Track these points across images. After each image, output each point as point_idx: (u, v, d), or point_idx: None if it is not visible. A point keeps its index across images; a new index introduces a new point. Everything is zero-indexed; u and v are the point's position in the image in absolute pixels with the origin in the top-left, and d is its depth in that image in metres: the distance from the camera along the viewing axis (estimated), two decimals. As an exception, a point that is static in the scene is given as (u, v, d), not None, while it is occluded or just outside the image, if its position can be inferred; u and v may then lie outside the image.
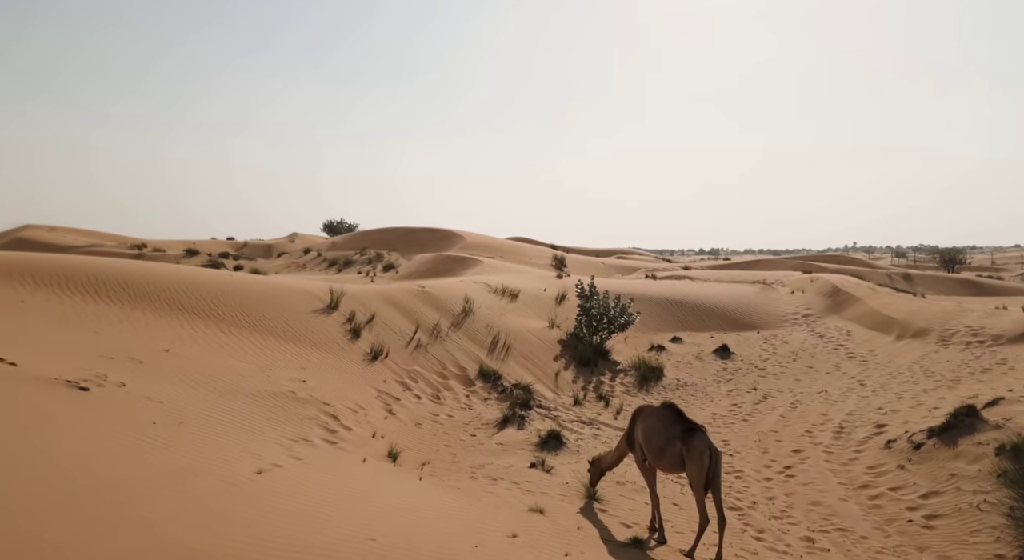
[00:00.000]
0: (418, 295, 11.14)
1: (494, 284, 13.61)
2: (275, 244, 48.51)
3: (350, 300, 9.88)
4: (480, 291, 12.78)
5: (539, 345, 11.13)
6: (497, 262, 22.99)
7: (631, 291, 16.38)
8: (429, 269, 20.79)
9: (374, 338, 9.14)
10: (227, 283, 8.89)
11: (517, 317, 12.17)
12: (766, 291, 17.81)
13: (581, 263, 31.40)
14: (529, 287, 14.92)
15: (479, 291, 12.75)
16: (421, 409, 7.71)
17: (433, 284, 12.17)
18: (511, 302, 13.01)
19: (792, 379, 10.79)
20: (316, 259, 30.03)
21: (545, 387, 9.81)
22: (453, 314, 10.95)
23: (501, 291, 13.25)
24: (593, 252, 47.29)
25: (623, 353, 12.50)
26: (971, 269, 37.53)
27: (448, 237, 30.40)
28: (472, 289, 12.61)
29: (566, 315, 13.37)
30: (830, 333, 13.85)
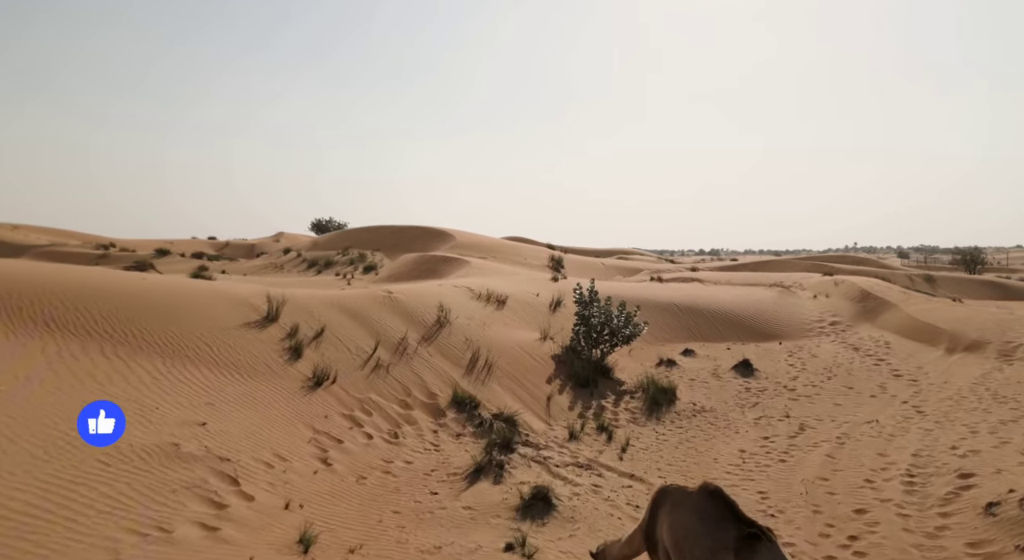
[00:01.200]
0: (383, 303, 9.43)
1: (478, 288, 11.91)
2: (259, 243, 46.85)
3: (295, 309, 8.17)
4: (460, 297, 11.08)
5: (528, 362, 9.43)
6: (488, 263, 21.30)
7: (635, 296, 14.70)
8: (411, 271, 19.08)
9: (320, 358, 7.42)
10: (134, 290, 7.18)
11: (503, 328, 10.47)
12: (785, 295, 16.13)
13: (580, 264, 29.72)
14: (519, 291, 13.22)
15: (459, 297, 11.04)
16: (370, 454, 6.00)
17: (404, 289, 10.46)
18: (497, 310, 11.30)
19: (830, 403, 9.10)
20: (295, 260, 28.31)
21: (534, 415, 8.11)
22: (425, 325, 9.25)
23: (486, 297, 11.54)
24: (592, 252, 45.61)
25: (628, 369, 10.81)
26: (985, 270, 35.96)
27: (438, 236, 28.69)
28: (451, 295, 10.90)
29: (562, 324, 11.68)
30: (865, 345, 12.17)
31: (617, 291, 14.96)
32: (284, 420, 5.93)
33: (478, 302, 11.23)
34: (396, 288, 10.48)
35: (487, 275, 16.35)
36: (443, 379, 8.09)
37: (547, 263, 27.41)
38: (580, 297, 10.77)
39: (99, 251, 29.02)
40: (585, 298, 10.74)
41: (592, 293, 10.82)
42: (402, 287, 10.82)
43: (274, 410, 6.04)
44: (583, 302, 10.73)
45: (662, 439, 7.92)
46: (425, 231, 29.59)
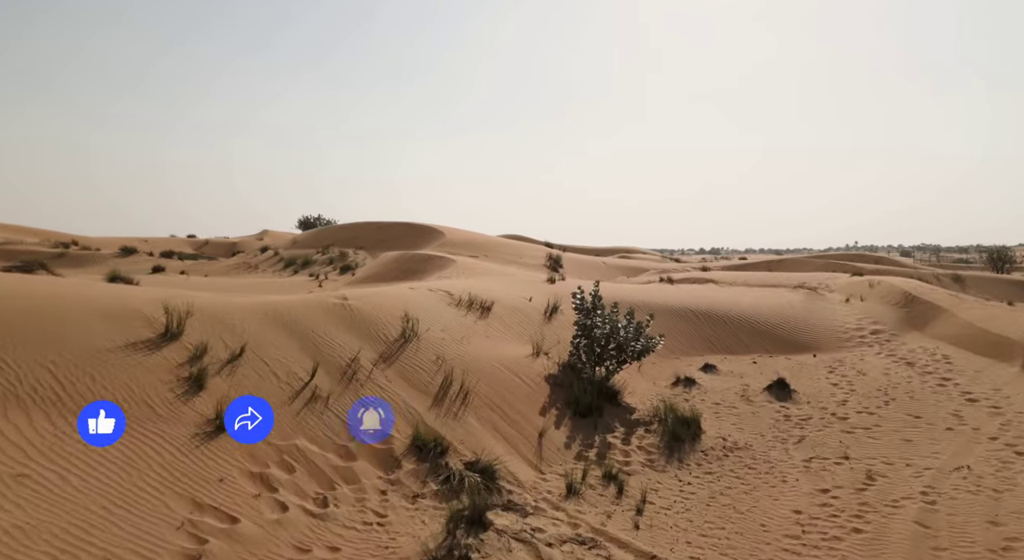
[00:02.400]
0: (334, 313, 7.62)
1: (459, 292, 10.10)
2: (241, 242, 45.01)
3: (208, 323, 6.35)
4: (436, 303, 9.27)
5: (516, 386, 7.63)
6: (478, 262, 19.51)
7: (644, 300, 12.92)
8: (391, 270, 17.27)
9: (232, 390, 5.61)
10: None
11: (486, 342, 8.66)
12: (814, 299, 14.36)
13: (579, 263, 27.95)
14: (510, 295, 11.42)
15: (434, 303, 9.23)
16: (276, 540, 4.19)
17: (365, 295, 8.64)
18: (480, 318, 9.49)
19: (897, 438, 7.31)
20: (272, 259, 26.48)
21: (521, 459, 6.31)
22: (385, 341, 7.43)
23: (467, 302, 9.73)
24: (593, 251, 43.85)
25: (639, 391, 9.03)
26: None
27: (426, 233, 26.87)
28: (423, 301, 9.10)
29: (558, 336, 9.88)
30: (920, 359, 10.39)
31: (623, 294, 13.18)
32: (150, 493, 4.12)
33: (457, 309, 9.42)
34: (356, 293, 8.66)
35: (474, 276, 14.56)
36: (403, 413, 6.29)
37: (544, 262, 25.63)
38: (581, 303, 8.98)
39: (56, 249, 27.14)
40: (587, 304, 8.95)
41: (595, 298, 9.03)
42: (362, 292, 8.99)
43: (139, 476, 4.22)
44: (584, 309, 8.94)
45: (688, 493, 6.13)
46: (413, 228, 27.77)
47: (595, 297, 9.06)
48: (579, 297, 9.04)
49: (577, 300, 9.01)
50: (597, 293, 9.13)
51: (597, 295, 9.10)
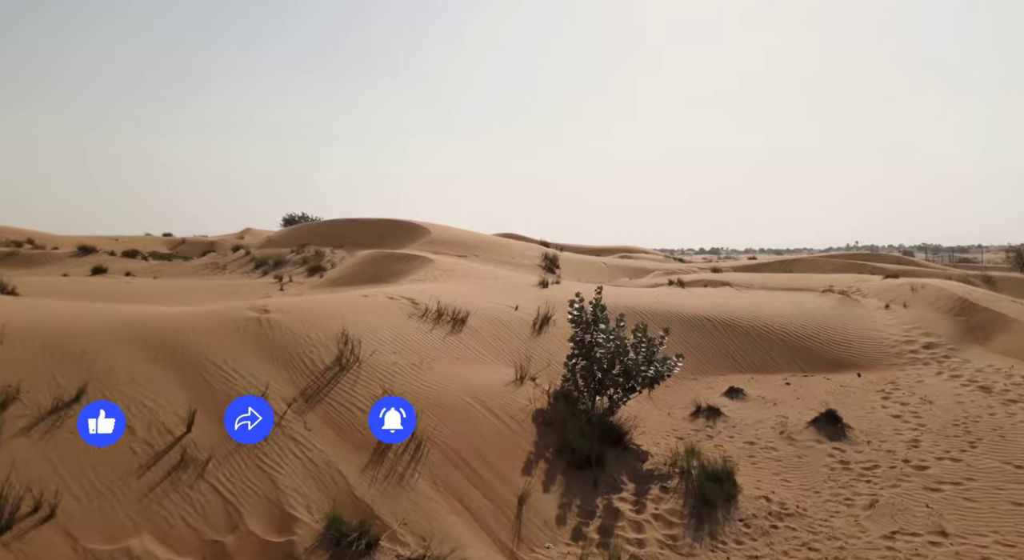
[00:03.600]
0: (246, 331, 5.80)
1: (426, 300, 8.27)
2: (219, 241, 43.17)
3: (37, 351, 4.53)
4: (393, 316, 7.43)
5: (490, 428, 5.81)
6: (463, 262, 17.69)
7: (652, 307, 11.11)
8: (362, 272, 15.45)
9: (29, 465, 3.77)
10: None
11: (455, 366, 6.83)
12: (848, 305, 12.57)
13: (577, 264, 26.15)
14: (492, 303, 9.61)
15: (391, 316, 7.40)
16: None
17: (294, 305, 6.80)
18: (452, 333, 7.67)
19: (1002, 499, 5.50)
20: (242, 259, 24.62)
21: (491, 545, 4.50)
22: (311, 371, 5.60)
23: (436, 313, 7.90)
24: (592, 250, 42.07)
25: (650, 426, 7.24)
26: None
27: (410, 231, 25.02)
28: (376, 313, 7.27)
29: (550, 354, 8.09)
30: (996, 382, 8.59)
31: (627, 300, 11.37)
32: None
33: (421, 322, 7.58)
34: (285, 304, 6.81)
35: (454, 279, 12.77)
36: (321, 480, 4.46)
37: (539, 263, 23.82)
38: (579, 314, 7.17)
39: (7, 248, 25.20)
40: (586, 316, 7.14)
41: (597, 309, 7.22)
42: (294, 302, 7.13)
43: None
44: (583, 322, 7.14)
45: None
46: (396, 225, 25.93)
47: (596, 308, 7.25)
48: (577, 306, 7.23)
49: (575, 311, 7.20)
50: (600, 302, 7.32)
51: (600, 305, 7.29)
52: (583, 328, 7.18)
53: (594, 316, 7.22)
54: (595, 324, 7.20)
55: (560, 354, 8.00)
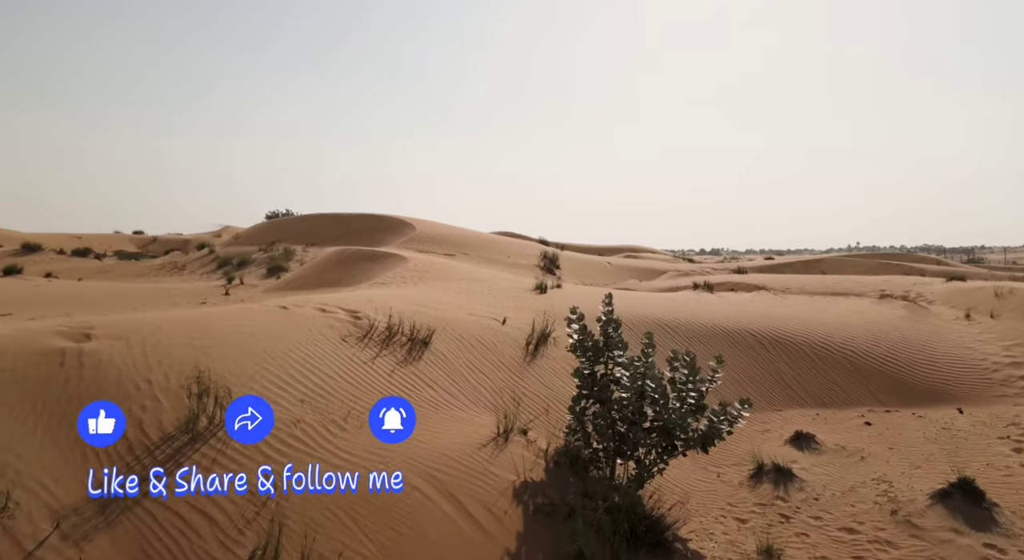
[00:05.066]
0: (36, 373, 3.53)
1: (374, 313, 6.00)
2: (195, 239, 40.95)
3: None
4: (318, 338, 5.16)
5: (451, 537, 3.54)
6: (448, 262, 15.45)
7: (678, 318, 8.90)
8: (323, 273, 13.24)
9: None
10: None
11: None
12: (918, 314, 10.34)
13: (580, 264, 23.92)
14: (472, 316, 7.36)
15: (315, 338, 5.13)
16: None
17: (150, 325, 4.53)
18: (407, 362, 5.40)
19: None
20: (204, 258, 22.37)
21: None
22: (128, 450, 3.34)
23: (383, 333, 5.63)
24: (595, 249, 39.82)
25: (696, 501, 5.02)
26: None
27: (392, 227, 22.75)
28: (292, 334, 5.01)
29: (550, 391, 5.85)
30: None
31: (646, 309, 9.13)
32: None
33: (360, 349, 5.31)
34: (121, 325, 4.52)
35: (430, 281, 10.56)
36: None
37: (537, 262, 21.58)
38: (581, 337, 4.91)
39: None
40: (593, 339, 4.90)
41: (610, 327, 4.96)
42: (151, 321, 4.86)
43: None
44: (590, 347, 4.89)
45: None
46: (378, 220, 23.67)
47: (609, 324, 4.99)
48: (578, 326, 4.97)
49: (575, 334, 4.94)
50: (613, 317, 5.05)
51: (613, 320, 5.02)
52: (591, 357, 4.94)
53: (606, 338, 4.97)
54: (608, 349, 4.96)
55: (564, 390, 5.76)
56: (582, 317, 5.01)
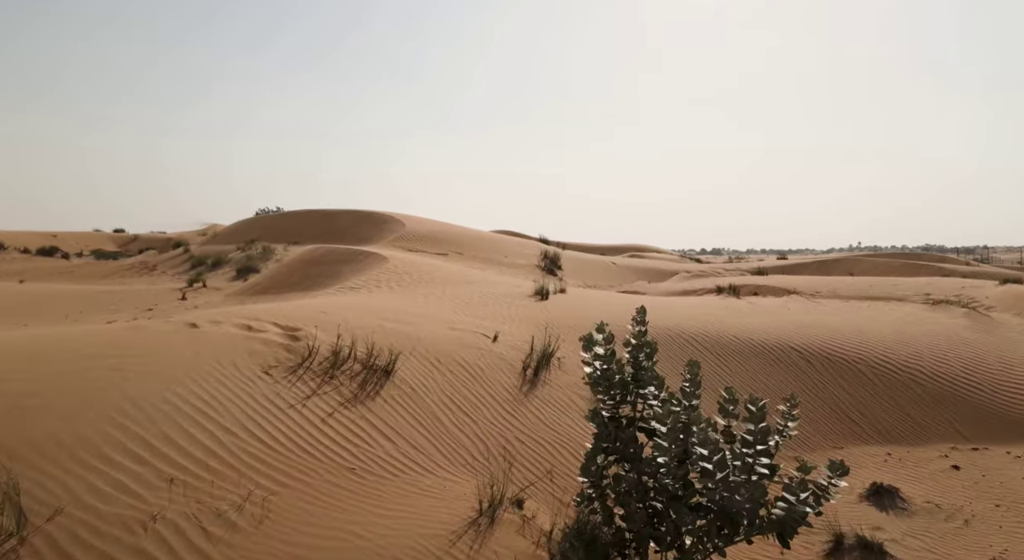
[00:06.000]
0: None
1: (318, 329, 4.58)
2: (180, 238, 39.52)
3: None
4: (225, 369, 3.75)
5: None
6: (433, 262, 14.03)
7: (707, 330, 7.47)
8: (293, 275, 11.83)
9: None
10: None
11: (340, 497, 3.15)
12: (982, 324, 8.93)
13: (583, 264, 22.50)
14: (454, 331, 5.94)
15: (218, 370, 3.72)
16: None
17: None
18: (355, 403, 3.98)
19: None
20: (179, 257, 20.95)
21: None
22: None
23: (329, 359, 4.21)
24: (598, 249, 38.41)
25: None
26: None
27: (380, 223, 21.30)
28: (191, 365, 3.59)
29: (556, 436, 4.39)
30: None
31: (668, 318, 7.71)
32: None
33: (287, 385, 3.88)
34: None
35: (410, 285, 9.14)
36: None
37: (537, 263, 20.17)
38: (605, 368, 3.49)
39: None
40: (619, 370, 3.48)
41: (641, 353, 3.53)
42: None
43: None
44: (614, 383, 3.47)
45: None
46: (364, 216, 22.24)
47: (641, 349, 3.56)
48: (603, 349, 3.55)
49: (598, 361, 3.52)
50: (646, 339, 3.62)
51: (647, 345, 3.60)
52: (615, 396, 3.53)
53: (636, 369, 3.57)
54: (639, 385, 3.56)
55: (573, 433, 4.34)
56: (611, 338, 3.59)
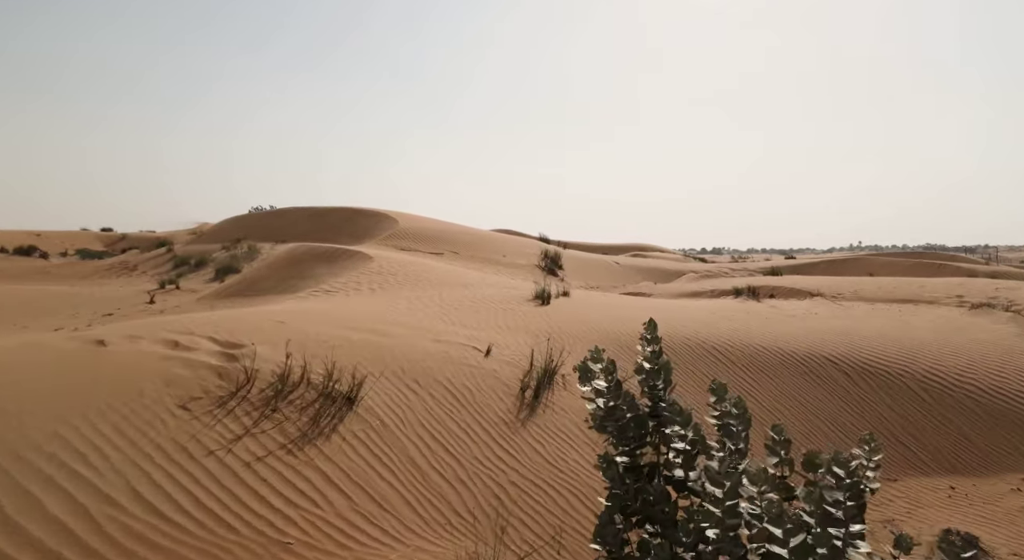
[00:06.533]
0: None
1: (268, 345, 3.74)
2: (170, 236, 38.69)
3: None
4: (124, 405, 2.90)
5: None
6: (423, 262, 13.19)
7: (732, 339, 6.63)
8: (276, 274, 10.99)
9: None
10: None
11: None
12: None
13: (584, 263, 21.66)
14: (438, 344, 5.08)
15: (117, 405, 2.87)
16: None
17: None
18: (308, 442, 3.13)
19: None
20: (161, 257, 20.11)
21: None
22: None
23: (272, 386, 3.37)
24: (600, 248, 37.56)
25: None
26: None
27: (372, 221, 20.44)
28: (49, 405, 2.75)
29: (557, 468, 3.53)
30: None
31: (684, 326, 6.86)
32: None
33: (210, 423, 3.03)
34: None
35: (394, 288, 8.29)
36: None
37: (537, 262, 19.33)
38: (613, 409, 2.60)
39: None
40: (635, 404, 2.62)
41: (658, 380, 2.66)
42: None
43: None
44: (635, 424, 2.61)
45: None
46: (356, 213, 21.38)
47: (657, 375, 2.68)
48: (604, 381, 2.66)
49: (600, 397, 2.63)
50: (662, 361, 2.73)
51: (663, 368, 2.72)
52: (630, 438, 2.67)
53: (653, 402, 2.69)
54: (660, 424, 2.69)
55: (586, 475, 3.49)
56: (612, 368, 2.72)
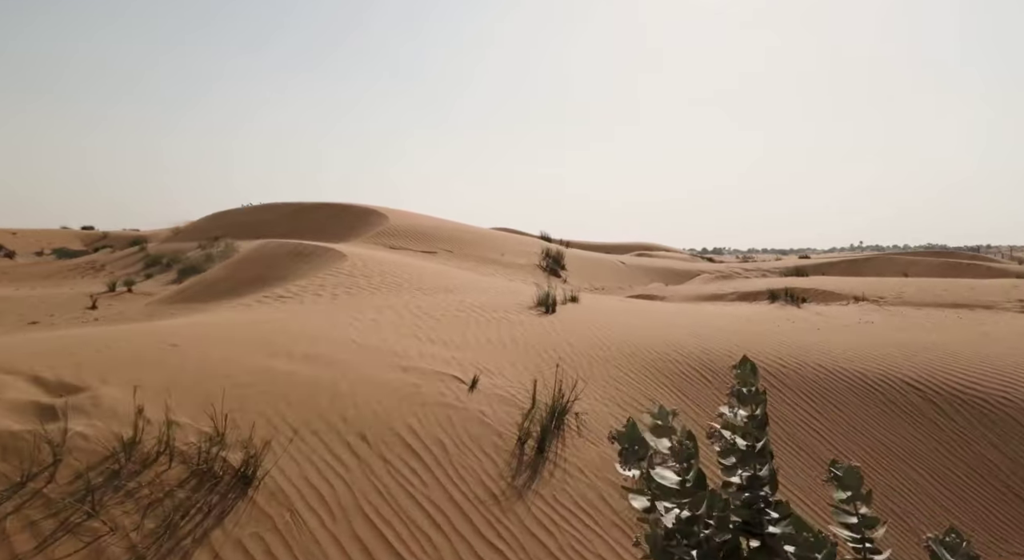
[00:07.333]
0: None
1: (122, 387, 2.48)
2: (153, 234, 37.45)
3: None
4: None
5: None
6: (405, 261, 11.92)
7: (779, 354, 5.31)
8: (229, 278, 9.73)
9: None
10: None
11: None
12: None
13: (588, 263, 20.37)
14: (404, 374, 3.78)
15: None
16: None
17: None
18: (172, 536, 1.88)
19: None
20: (132, 256, 18.86)
21: None
22: None
23: (107, 459, 2.11)
24: (603, 248, 36.28)
25: None
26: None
27: (362, 218, 19.16)
28: None
29: None
30: None
31: (718, 339, 5.58)
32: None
33: None
34: None
35: (364, 293, 7.02)
36: None
37: (539, 262, 18.07)
38: (688, 522, 1.34)
39: None
40: (730, 526, 1.35)
41: (764, 464, 1.40)
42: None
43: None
44: (727, 554, 1.35)
45: None
46: (344, 210, 20.13)
47: (765, 458, 1.41)
48: (676, 469, 1.38)
49: (661, 503, 1.35)
50: (763, 442, 1.46)
51: (766, 450, 1.43)
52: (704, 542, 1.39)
53: (753, 507, 1.42)
54: (768, 552, 1.40)
55: None
56: (691, 448, 1.44)
